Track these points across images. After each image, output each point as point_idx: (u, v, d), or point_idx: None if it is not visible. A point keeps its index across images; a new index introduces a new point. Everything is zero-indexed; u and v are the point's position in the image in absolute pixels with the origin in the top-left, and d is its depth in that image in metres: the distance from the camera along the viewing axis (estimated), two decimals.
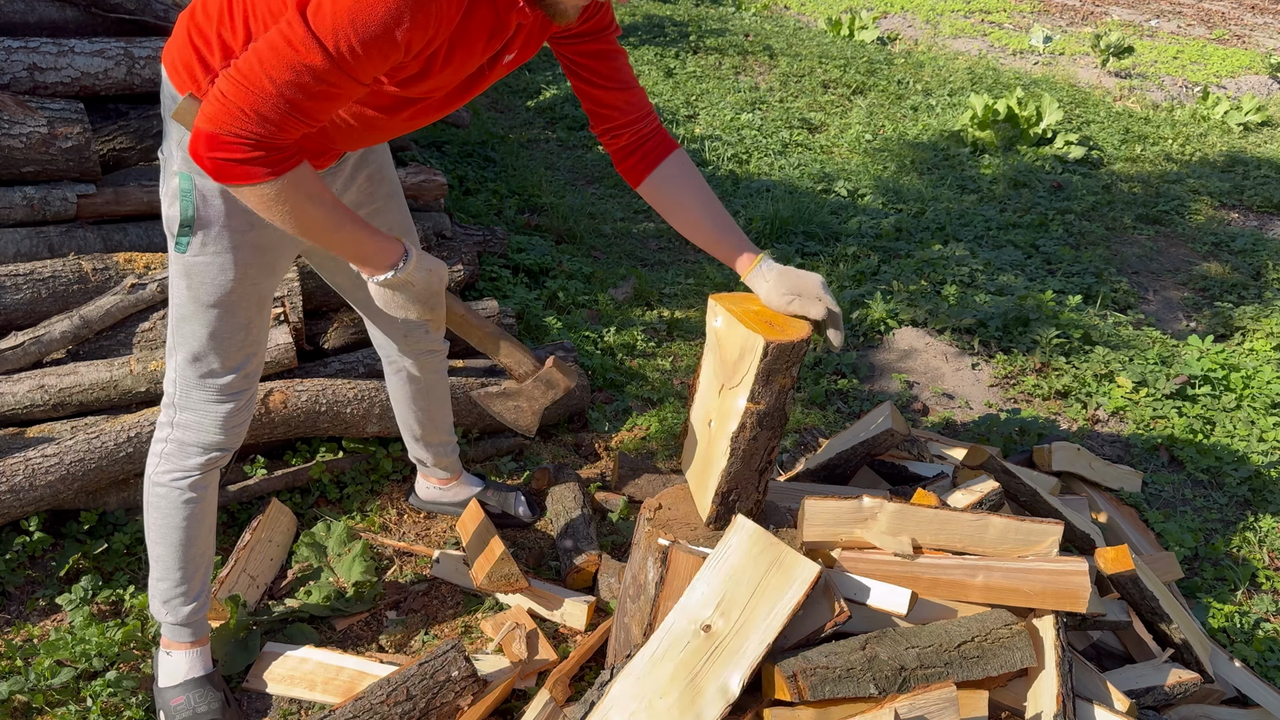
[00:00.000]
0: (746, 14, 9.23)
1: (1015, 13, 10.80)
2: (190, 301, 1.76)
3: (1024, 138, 6.05)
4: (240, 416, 1.89)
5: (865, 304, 3.88)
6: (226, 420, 1.86)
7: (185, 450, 1.87)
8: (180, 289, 1.76)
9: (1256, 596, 2.61)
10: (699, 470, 1.87)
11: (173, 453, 1.88)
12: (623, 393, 3.27)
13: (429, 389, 2.36)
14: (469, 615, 2.34)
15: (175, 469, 1.88)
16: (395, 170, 2.06)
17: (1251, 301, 4.27)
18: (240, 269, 1.73)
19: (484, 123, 5.55)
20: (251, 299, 1.79)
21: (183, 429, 1.86)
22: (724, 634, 1.60)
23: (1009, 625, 1.68)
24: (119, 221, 2.94)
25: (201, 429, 1.86)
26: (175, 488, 1.89)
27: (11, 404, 2.43)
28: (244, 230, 1.71)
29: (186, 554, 1.95)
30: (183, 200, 1.67)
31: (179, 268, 1.74)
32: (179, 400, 1.85)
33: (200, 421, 1.85)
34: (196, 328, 1.77)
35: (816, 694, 1.57)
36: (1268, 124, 7.17)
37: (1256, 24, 11.27)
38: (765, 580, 1.62)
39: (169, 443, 1.88)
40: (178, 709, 1.96)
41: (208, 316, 1.76)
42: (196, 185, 1.66)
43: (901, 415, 2.48)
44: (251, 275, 1.76)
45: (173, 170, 1.68)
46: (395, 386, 2.37)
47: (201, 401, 1.84)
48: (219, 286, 1.74)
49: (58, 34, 2.95)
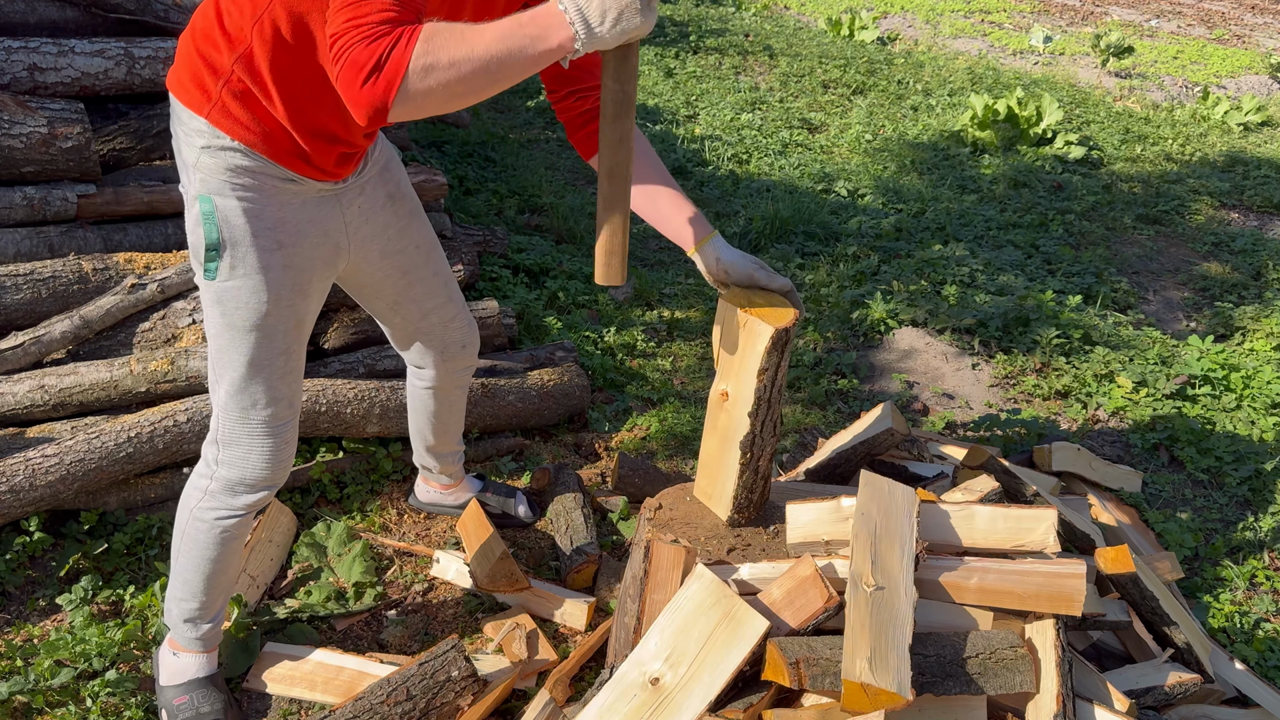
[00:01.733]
0: (746, 14, 9.23)
1: (1015, 13, 10.80)
2: (226, 329, 1.73)
3: (1024, 138, 6.05)
4: (286, 451, 1.86)
5: (865, 304, 3.88)
6: (273, 455, 1.83)
7: (233, 489, 1.85)
8: (215, 318, 1.73)
9: (1256, 596, 2.61)
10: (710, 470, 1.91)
11: (219, 490, 1.85)
12: (623, 393, 3.27)
13: (452, 404, 2.34)
14: (469, 615, 2.34)
15: (221, 507, 1.86)
16: (413, 189, 2.04)
17: (1251, 301, 4.27)
18: (273, 290, 1.71)
19: (484, 123, 5.55)
20: (288, 322, 1.76)
21: (228, 466, 1.83)
22: (670, 688, 1.61)
23: (1014, 647, 1.67)
24: (119, 221, 2.95)
25: (248, 465, 1.83)
26: (218, 525, 1.87)
27: (12, 404, 2.43)
28: (271, 249, 1.68)
29: (216, 582, 1.94)
30: (206, 224, 1.65)
31: (211, 296, 1.71)
32: (223, 437, 1.82)
33: (247, 457, 1.82)
34: (235, 356, 1.74)
35: (816, 685, 1.57)
36: (1268, 124, 7.17)
37: (1256, 24, 11.27)
38: (715, 634, 1.63)
39: (215, 481, 1.85)
40: (181, 708, 1.97)
41: (246, 343, 1.73)
42: (218, 206, 1.64)
43: (901, 415, 2.48)
44: (285, 297, 1.73)
45: (192, 195, 1.66)
46: (419, 399, 2.33)
47: (247, 437, 1.81)
48: (253, 310, 1.71)
49: (58, 34, 2.95)
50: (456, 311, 2.16)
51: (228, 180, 1.63)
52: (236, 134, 1.61)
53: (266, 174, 1.66)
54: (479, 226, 3.95)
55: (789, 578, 1.71)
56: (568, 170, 5.33)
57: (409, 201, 2.01)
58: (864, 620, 1.56)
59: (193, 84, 1.61)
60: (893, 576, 1.64)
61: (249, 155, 1.63)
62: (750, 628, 1.61)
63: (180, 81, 1.64)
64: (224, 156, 1.62)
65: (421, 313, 2.10)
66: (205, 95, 1.60)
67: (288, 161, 1.66)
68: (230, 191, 1.64)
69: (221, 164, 1.62)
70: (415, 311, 2.09)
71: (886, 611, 1.58)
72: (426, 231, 2.05)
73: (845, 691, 1.48)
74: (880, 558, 1.66)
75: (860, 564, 1.64)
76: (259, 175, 1.65)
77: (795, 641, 1.62)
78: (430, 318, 2.11)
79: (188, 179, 1.68)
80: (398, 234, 1.97)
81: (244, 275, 1.68)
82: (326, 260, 1.81)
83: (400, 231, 1.98)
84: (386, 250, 1.96)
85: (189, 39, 1.63)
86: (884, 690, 1.46)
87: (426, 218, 2.07)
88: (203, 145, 1.62)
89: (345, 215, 1.83)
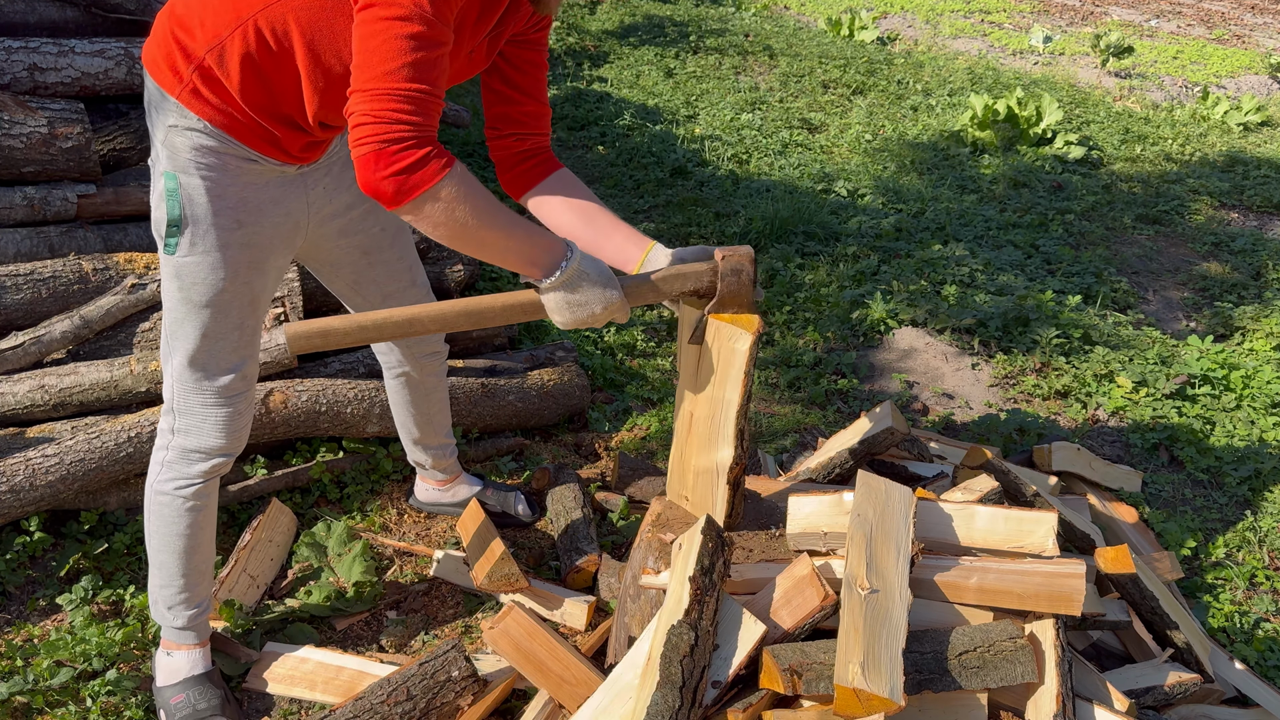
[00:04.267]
0: (746, 14, 9.23)
1: (1015, 13, 10.80)
2: (183, 303, 1.76)
3: (1024, 138, 6.05)
4: (241, 420, 1.88)
5: (865, 304, 3.89)
6: (227, 424, 1.86)
7: (188, 457, 1.87)
8: (172, 291, 1.76)
9: (1256, 596, 2.61)
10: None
11: (175, 460, 1.88)
12: (623, 393, 3.27)
13: (428, 392, 2.35)
14: (469, 615, 2.34)
15: (178, 476, 1.88)
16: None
17: (1251, 301, 4.27)
18: (230, 267, 1.73)
19: (484, 123, 5.54)
20: (244, 298, 1.79)
21: (184, 434, 1.86)
22: None
23: (1013, 639, 1.66)
24: (119, 221, 2.95)
25: (203, 434, 1.85)
26: (179, 496, 1.89)
27: (12, 404, 2.43)
28: (231, 228, 1.71)
29: (189, 561, 1.95)
30: (169, 200, 1.68)
31: (169, 269, 1.74)
32: (178, 405, 1.85)
33: (201, 426, 1.85)
34: (190, 329, 1.77)
35: (811, 689, 1.56)
36: (1268, 124, 7.17)
37: (1256, 24, 11.27)
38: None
39: (170, 450, 1.88)
40: (178, 706, 1.97)
41: (200, 317, 1.76)
42: (182, 184, 1.67)
43: (901, 415, 2.48)
44: (242, 274, 1.76)
45: (159, 171, 1.69)
46: (394, 391, 2.36)
47: (200, 406, 1.83)
48: (210, 286, 1.74)
49: (58, 34, 2.96)
50: (419, 298, 2.16)
51: (193, 159, 1.66)
52: (205, 114, 1.63)
53: (232, 154, 1.68)
54: None
55: (786, 577, 1.71)
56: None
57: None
58: (857, 624, 1.55)
59: (165, 64, 1.63)
60: (888, 579, 1.63)
61: (216, 136, 1.65)
62: (747, 631, 1.61)
63: (154, 59, 1.66)
64: (191, 136, 1.65)
65: (382, 295, 2.10)
66: (177, 76, 1.62)
67: (255, 144, 1.69)
68: (195, 170, 1.66)
69: (188, 143, 1.65)
70: (376, 293, 2.10)
71: (881, 615, 1.58)
72: (392, 216, 2.05)
73: (838, 697, 1.48)
74: (875, 560, 1.65)
75: (855, 566, 1.64)
76: (224, 155, 1.68)
77: (789, 648, 1.62)
78: (390, 301, 2.11)
79: (155, 153, 1.70)
80: (362, 215, 1.98)
81: (203, 252, 1.71)
82: (286, 239, 1.83)
83: (365, 213, 1.99)
84: (347, 229, 1.97)
85: (166, 19, 1.65)
86: (876, 696, 1.46)
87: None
88: (170, 124, 1.65)
89: (309, 194, 1.85)
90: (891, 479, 2.44)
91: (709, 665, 1.58)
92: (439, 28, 1.43)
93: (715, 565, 1.64)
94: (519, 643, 1.83)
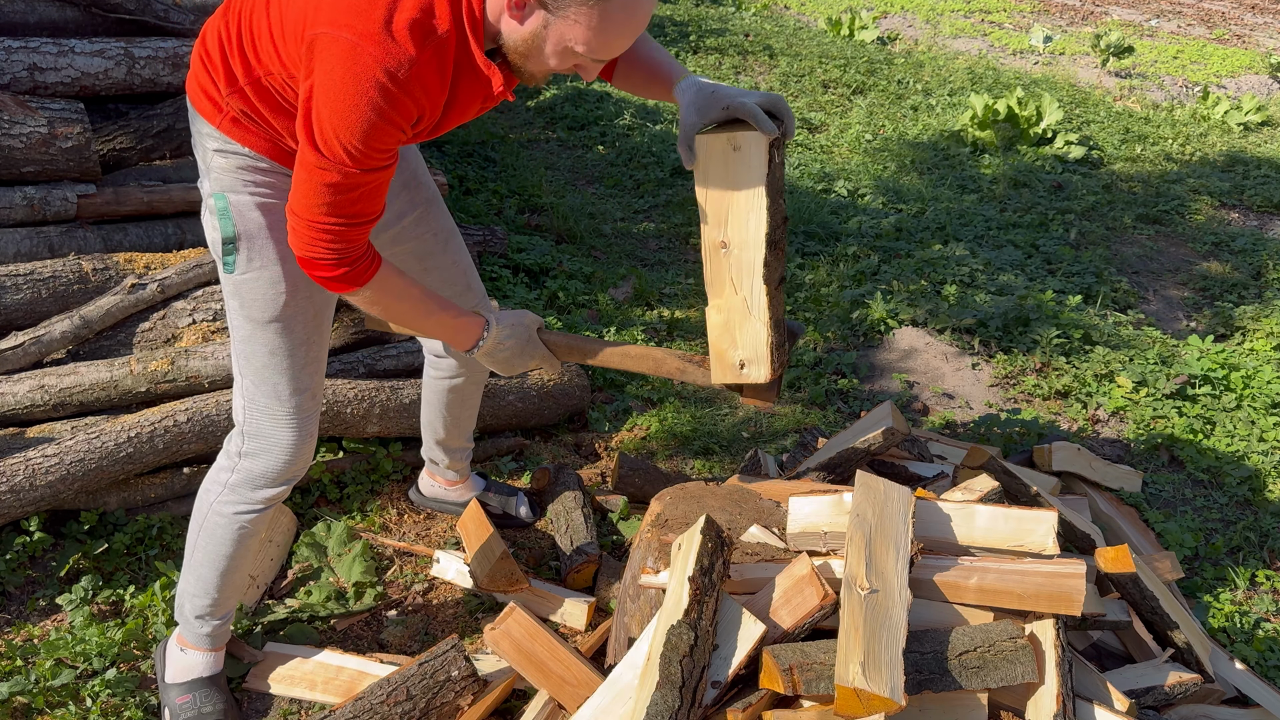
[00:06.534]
0: (746, 14, 9.23)
1: (1015, 13, 10.80)
2: (246, 322, 1.76)
3: (1024, 138, 6.05)
4: (308, 445, 1.88)
5: (865, 304, 3.88)
6: (296, 448, 1.85)
7: (253, 482, 1.86)
8: (235, 310, 1.77)
9: (1256, 596, 2.61)
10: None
11: (240, 484, 1.87)
12: (623, 393, 3.27)
13: (466, 397, 2.35)
14: (469, 615, 2.34)
15: (241, 501, 1.88)
16: (430, 176, 2.06)
17: (1251, 301, 4.27)
18: (290, 281, 1.74)
19: (484, 123, 5.55)
20: (307, 313, 1.79)
21: (252, 458, 1.85)
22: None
23: (1013, 639, 1.66)
24: (119, 221, 2.95)
25: (271, 456, 1.84)
26: (237, 519, 1.89)
27: (12, 404, 2.43)
28: (286, 242, 1.70)
29: (230, 579, 1.95)
30: (221, 219, 1.69)
31: (230, 289, 1.75)
32: (248, 428, 1.84)
33: (271, 449, 1.84)
34: (258, 348, 1.77)
35: (810, 689, 1.56)
36: (1268, 124, 7.16)
37: (1256, 24, 11.27)
38: None
39: (237, 473, 1.87)
40: (183, 707, 1.97)
41: (265, 335, 1.76)
42: (232, 203, 1.69)
43: (901, 415, 2.48)
44: (303, 287, 1.76)
45: (208, 192, 1.72)
46: (435, 390, 2.34)
47: (272, 428, 1.83)
48: (271, 301, 1.74)
49: (58, 34, 2.96)
50: (477, 302, 2.16)
51: (239, 178, 1.69)
52: (246, 141, 1.67)
53: (278, 172, 1.71)
54: (479, 226, 3.95)
55: (785, 577, 1.71)
56: (568, 170, 5.33)
57: (425, 190, 2.02)
58: (857, 624, 1.55)
59: (203, 95, 1.67)
60: (887, 579, 1.63)
61: (258, 159, 1.69)
62: (747, 631, 1.61)
63: (192, 89, 1.70)
64: (235, 159, 1.68)
65: None
66: (215, 107, 1.66)
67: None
68: (243, 188, 1.69)
69: (233, 164, 1.68)
70: None
71: (880, 615, 1.57)
72: (444, 220, 2.07)
73: (839, 697, 1.48)
74: (875, 560, 1.65)
75: (855, 566, 1.64)
76: (270, 173, 1.70)
77: (789, 648, 1.62)
78: None
79: (204, 177, 1.73)
80: (413, 222, 1.99)
81: (261, 267, 1.72)
82: None
83: (416, 220, 2.00)
84: (400, 236, 1.97)
85: (199, 50, 1.69)
86: (877, 695, 1.46)
87: (445, 206, 2.08)
88: (215, 148, 1.68)
89: None
90: (891, 479, 2.44)
91: (709, 665, 1.58)
92: (357, 176, 1.51)
93: (715, 565, 1.64)
94: (520, 643, 1.83)
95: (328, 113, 1.44)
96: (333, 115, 1.44)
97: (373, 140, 1.47)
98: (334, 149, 1.47)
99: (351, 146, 1.46)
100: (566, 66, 1.53)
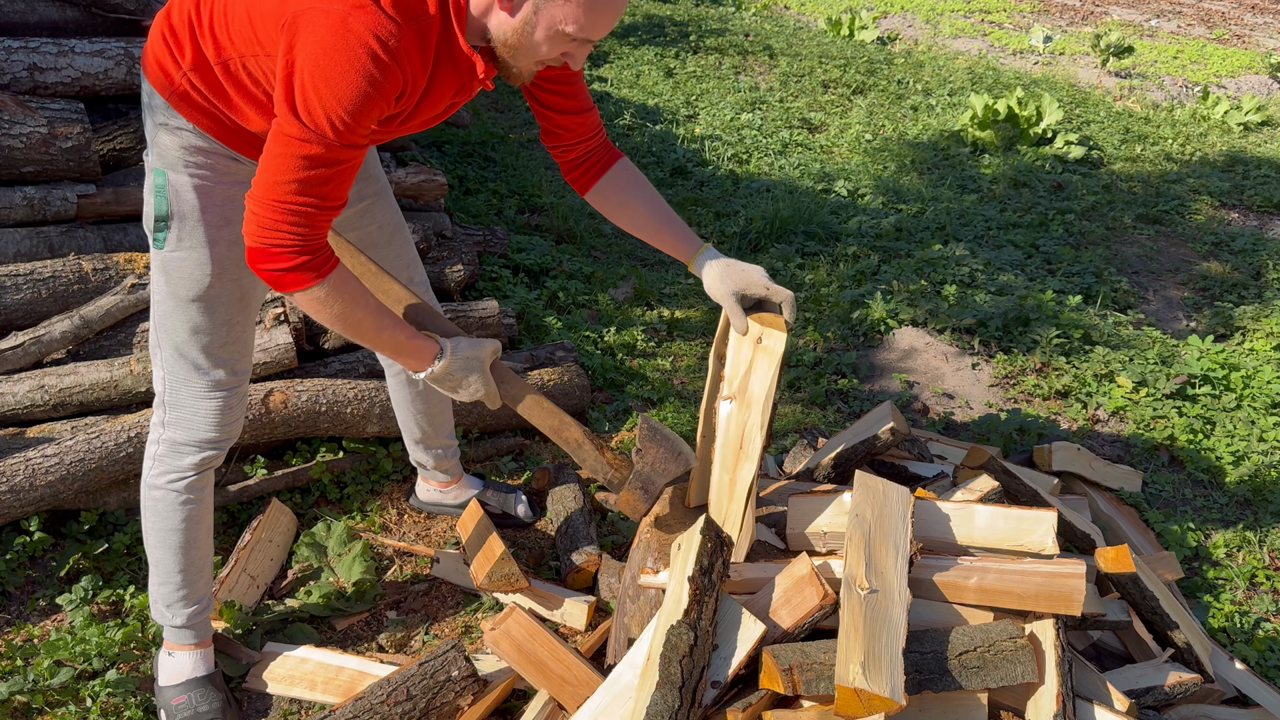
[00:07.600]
0: (746, 14, 9.23)
1: (1015, 13, 10.80)
2: (170, 297, 1.77)
3: (1024, 138, 6.05)
4: (232, 414, 1.89)
5: (865, 304, 3.88)
6: (217, 416, 1.87)
7: (178, 450, 1.88)
8: (160, 285, 1.78)
9: (1256, 596, 2.61)
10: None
11: (166, 454, 1.88)
12: (623, 393, 3.27)
13: (429, 392, 2.35)
14: (469, 615, 2.34)
15: (169, 469, 1.89)
16: (382, 169, 2.08)
17: (1251, 301, 4.26)
18: (217, 264, 1.75)
19: (484, 123, 5.54)
20: (233, 295, 1.80)
21: (174, 427, 1.87)
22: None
23: (1013, 638, 1.66)
24: (119, 221, 2.94)
25: (192, 426, 1.86)
26: (171, 490, 1.89)
27: (12, 404, 2.43)
28: (219, 225, 1.73)
29: (186, 557, 1.95)
30: (157, 196, 1.70)
31: (158, 263, 1.76)
32: (168, 398, 1.86)
33: (190, 419, 1.86)
34: (178, 324, 1.79)
35: (810, 689, 1.56)
36: (1268, 124, 7.16)
37: (1256, 24, 11.27)
38: None
39: (161, 444, 1.89)
40: (179, 708, 1.97)
41: (188, 312, 1.78)
42: (170, 180, 1.69)
43: (901, 415, 2.48)
44: (230, 271, 1.77)
45: (149, 166, 1.72)
46: (396, 390, 2.37)
47: (190, 398, 1.84)
48: (197, 282, 1.75)
49: (58, 34, 2.95)
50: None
51: (181, 157, 1.69)
52: (192, 118, 1.67)
53: (220, 154, 1.71)
54: (479, 226, 3.95)
55: (785, 577, 1.71)
56: None
57: (375, 183, 2.04)
58: (857, 624, 1.55)
59: (156, 66, 1.67)
60: (887, 579, 1.63)
61: (203, 137, 1.69)
62: (747, 631, 1.61)
63: (148, 60, 1.69)
64: (180, 135, 1.68)
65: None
66: (167, 78, 1.65)
67: (241, 148, 1.72)
68: (183, 168, 1.69)
69: (177, 142, 1.68)
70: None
71: (880, 615, 1.57)
72: (391, 214, 2.08)
73: (839, 696, 1.48)
74: (874, 560, 1.65)
75: (854, 566, 1.64)
76: (212, 155, 1.70)
77: (789, 648, 1.62)
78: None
79: (148, 149, 1.73)
80: (359, 212, 2.00)
81: (190, 248, 1.73)
82: None
83: (363, 210, 2.01)
84: (342, 226, 1.98)
85: (162, 22, 1.68)
86: (877, 695, 1.46)
87: (395, 201, 2.10)
88: (160, 122, 1.68)
89: None
90: (891, 479, 2.44)
91: (708, 665, 1.58)
92: (338, 150, 1.49)
93: (714, 565, 1.64)
94: (520, 644, 1.83)
95: (318, 80, 1.43)
96: (324, 83, 1.43)
97: (359, 112, 1.46)
98: (318, 119, 1.45)
99: (337, 117, 1.45)
100: (556, 54, 1.56)
